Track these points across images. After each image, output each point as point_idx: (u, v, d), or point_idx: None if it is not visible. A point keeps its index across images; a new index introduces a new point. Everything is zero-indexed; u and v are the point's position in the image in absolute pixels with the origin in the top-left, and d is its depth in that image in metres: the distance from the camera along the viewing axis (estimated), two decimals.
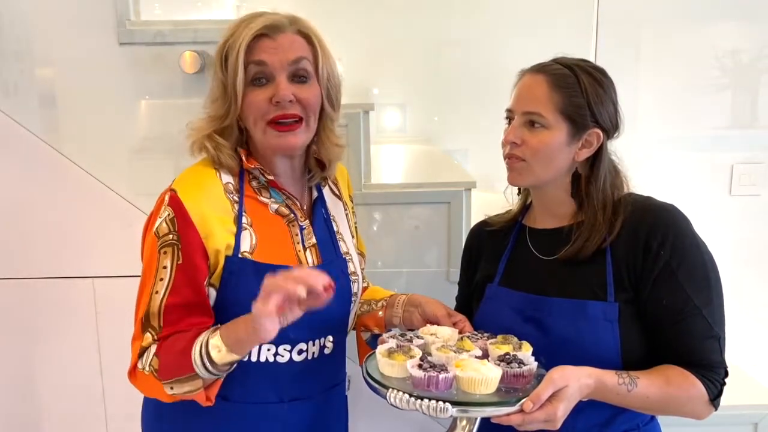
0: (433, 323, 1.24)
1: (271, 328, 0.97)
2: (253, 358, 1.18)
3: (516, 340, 1.14)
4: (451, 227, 1.81)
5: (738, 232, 2.47)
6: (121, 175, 1.81)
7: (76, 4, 1.75)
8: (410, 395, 1.00)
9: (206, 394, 1.10)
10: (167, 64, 1.75)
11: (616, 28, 2.43)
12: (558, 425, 1.02)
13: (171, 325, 1.11)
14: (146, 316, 1.12)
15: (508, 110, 1.23)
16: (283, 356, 1.19)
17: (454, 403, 0.99)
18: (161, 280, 1.12)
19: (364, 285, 1.42)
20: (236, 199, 1.18)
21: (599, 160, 1.20)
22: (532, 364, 1.07)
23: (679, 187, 2.34)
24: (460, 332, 1.20)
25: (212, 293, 1.16)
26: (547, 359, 1.10)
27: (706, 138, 2.48)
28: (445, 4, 2.53)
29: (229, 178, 1.19)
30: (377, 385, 1.05)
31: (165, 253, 1.12)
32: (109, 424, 1.93)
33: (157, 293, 1.12)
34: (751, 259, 2.48)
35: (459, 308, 1.38)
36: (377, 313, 1.34)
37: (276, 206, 1.22)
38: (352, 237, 1.36)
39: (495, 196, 1.50)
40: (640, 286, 1.14)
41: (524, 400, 1.00)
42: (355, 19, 2.53)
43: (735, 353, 1.45)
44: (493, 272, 1.29)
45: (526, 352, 1.10)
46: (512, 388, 1.04)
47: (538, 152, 1.17)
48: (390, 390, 1.02)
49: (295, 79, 1.15)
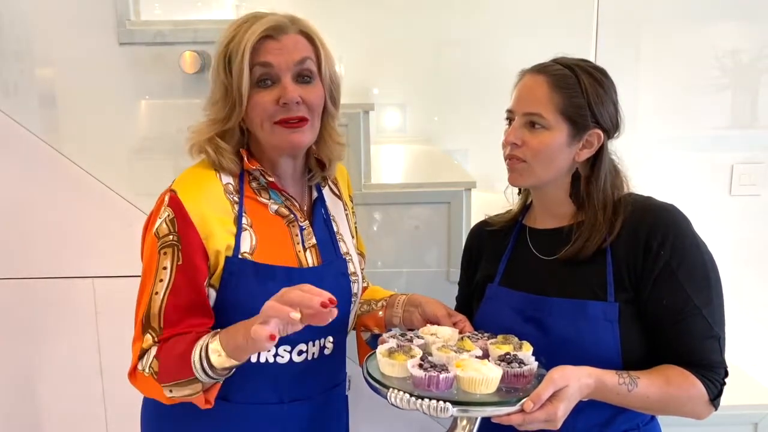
0: (433, 323, 1.24)
1: (268, 344, 0.96)
2: (253, 359, 1.18)
3: (516, 340, 1.14)
4: (451, 227, 1.81)
5: (738, 232, 2.47)
6: (121, 175, 1.81)
7: (76, 4, 1.75)
8: (411, 395, 1.00)
9: (205, 397, 1.09)
10: (167, 64, 1.75)
11: (616, 28, 2.43)
12: (558, 425, 1.02)
13: (171, 326, 1.11)
14: (146, 317, 1.12)
15: (508, 111, 1.23)
16: (283, 357, 1.19)
17: (455, 403, 0.99)
18: (161, 281, 1.12)
19: (364, 285, 1.42)
20: (236, 199, 1.18)
21: (600, 161, 1.20)
22: (533, 364, 1.07)
23: (679, 187, 2.34)
24: (460, 332, 1.20)
25: (212, 294, 1.16)
26: (548, 359, 1.10)
27: (706, 138, 2.48)
28: (445, 4, 2.53)
29: (229, 179, 1.19)
30: (378, 385, 1.05)
31: (165, 253, 1.12)
32: (109, 425, 1.92)
33: (157, 294, 1.12)
34: (751, 259, 2.48)
35: (459, 308, 1.38)
36: (377, 313, 1.34)
37: (276, 207, 1.22)
38: (352, 237, 1.36)
39: (495, 196, 1.50)
40: (641, 286, 1.14)
41: (525, 399, 1.00)
42: (355, 19, 2.52)
43: (735, 353, 1.45)
44: (494, 272, 1.29)
45: (527, 352, 1.10)
46: (513, 388, 1.04)
47: (539, 153, 1.17)
48: (391, 390, 1.02)
49: (300, 80, 1.15)
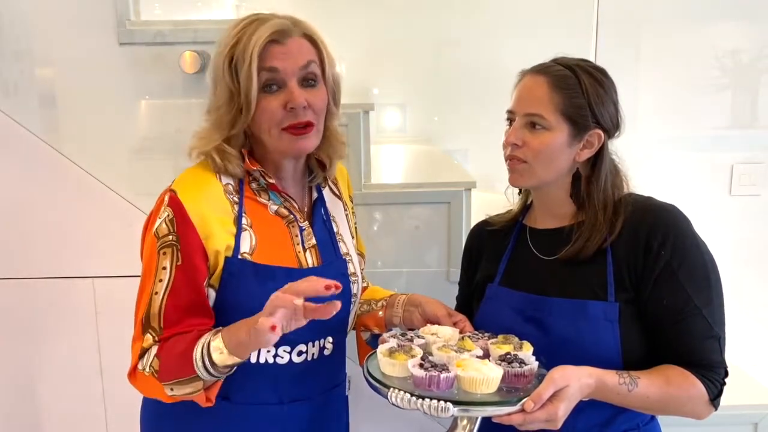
0: (433, 323, 1.24)
1: (274, 335, 0.97)
2: (253, 360, 1.18)
3: (517, 339, 1.14)
4: (451, 227, 1.81)
5: (738, 232, 2.47)
6: (121, 175, 1.81)
7: (76, 4, 1.75)
8: (411, 395, 1.00)
9: (206, 395, 1.09)
10: (167, 64, 1.75)
11: (616, 28, 2.43)
12: (559, 425, 1.02)
13: (171, 326, 1.11)
14: (146, 317, 1.12)
15: (508, 111, 1.22)
16: (282, 357, 1.19)
17: (456, 403, 0.99)
18: (161, 281, 1.12)
19: (364, 285, 1.42)
20: (236, 200, 1.18)
21: (600, 161, 1.20)
22: (533, 364, 1.07)
23: (679, 187, 2.33)
24: (460, 332, 1.20)
25: (211, 294, 1.16)
26: (548, 359, 1.10)
27: (706, 138, 2.48)
28: (445, 4, 2.53)
29: (228, 179, 1.19)
30: (378, 385, 1.05)
31: (164, 253, 1.12)
32: (109, 425, 1.92)
33: (156, 294, 1.12)
34: (751, 259, 2.48)
35: (459, 308, 1.38)
36: (377, 313, 1.34)
37: (275, 207, 1.21)
38: (352, 237, 1.36)
39: (495, 196, 1.50)
40: (641, 286, 1.14)
41: (525, 399, 1.00)
42: (355, 19, 2.52)
43: (735, 353, 1.45)
44: (494, 272, 1.29)
45: (527, 352, 1.10)
46: (513, 388, 1.04)
47: (540, 153, 1.17)
48: (391, 389, 1.02)
49: (305, 83, 1.15)
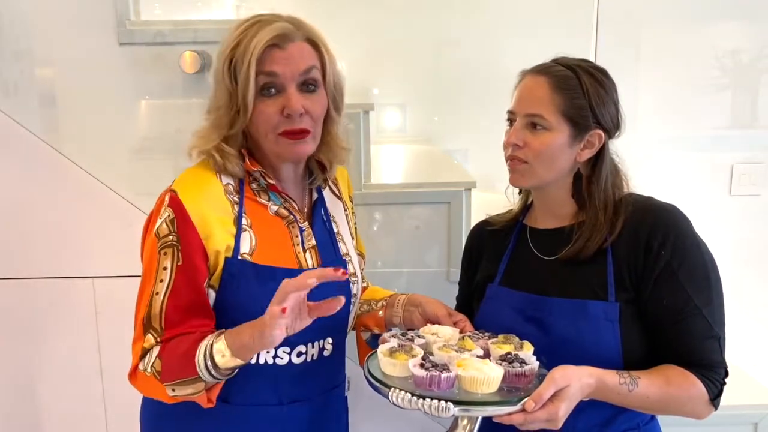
0: (433, 323, 1.24)
1: (278, 333, 0.97)
2: (252, 360, 1.17)
3: (517, 339, 1.14)
4: (451, 227, 1.81)
5: (738, 232, 2.46)
6: (121, 175, 1.81)
7: (76, 4, 1.75)
8: (412, 394, 1.00)
9: (207, 396, 1.09)
10: (167, 64, 1.75)
11: (616, 28, 2.43)
12: (559, 425, 1.02)
13: (172, 327, 1.11)
14: (147, 318, 1.12)
15: (509, 112, 1.22)
16: (282, 358, 1.19)
17: (456, 403, 0.99)
18: (161, 282, 1.11)
19: (363, 285, 1.42)
20: (236, 200, 1.18)
21: (601, 161, 1.20)
22: (534, 364, 1.07)
23: (679, 187, 2.33)
24: (461, 332, 1.20)
25: (211, 294, 1.16)
26: (548, 359, 1.10)
27: (706, 138, 2.48)
28: (445, 4, 2.53)
29: (229, 179, 1.19)
30: (379, 385, 1.05)
31: (165, 254, 1.12)
32: (109, 425, 1.92)
33: (157, 294, 1.11)
34: (751, 259, 2.48)
35: (459, 308, 1.38)
36: (377, 313, 1.33)
37: (275, 208, 1.21)
38: (352, 238, 1.36)
39: (495, 196, 1.50)
40: (641, 286, 1.14)
41: (526, 399, 1.00)
42: (355, 19, 2.52)
43: (735, 353, 1.45)
44: (494, 272, 1.29)
45: (528, 352, 1.10)
46: (514, 388, 1.04)
47: (541, 154, 1.17)
48: (392, 389, 1.02)
49: (304, 88, 1.15)
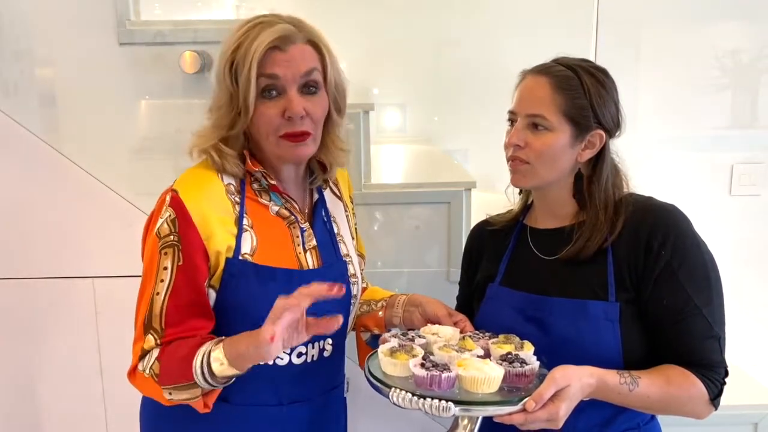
0: (433, 323, 1.24)
1: (274, 348, 0.96)
2: None
3: (518, 339, 1.14)
4: (451, 227, 1.81)
5: (738, 232, 2.46)
6: (121, 175, 1.81)
7: (76, 4, 1.75)
8: (413, 394, 1.00)
9: (204, 401, 1.09)
10: (167, 64, 1.75)
11: (616, 28, 2.43)
12: (560, 425, 1.02)
13: (173, 327, 1.11)
14: (147, 318, 1.12)
15: (510, 112, 1.22)
16: (282, 359, 1.19)
17: (457, 402, 0.99)
18: (162, 282, 1.11)
19: (363, 285, 1.42)
20: (237, 200, 1.17)
21: (602, 161, 1.20)
22: (534, 364, 1.07)
23: (679, 187, 2.33)
24: (461, 332, 1.20)
25: (212, 295, 1.16)
26: (549, 359, 1.10)
27: (706, 138, 2.48)
28: (445, 4, 2.53)
29: (230, 180, 1.18)
30: (380, 385, 1.05)
31: (166, 254, 1.11)
32: (109, 425, 1.92)
33: (158, 294, 1.11)
34: (751, 259, 2.48)
35: (460, 308, 1.38)
36: (377, 314, 1.34)
37: (276, 208, 1.21)
38: (352, 238, 1.36)
39: (495, 196, 1.50)
40: (641, 286, 1.14)
41: (526, 399, 1.00)
42: (355, 19, 2.52)
43: (735, 353, 1.45)
44: (494, 272, 1.29)
45: (528, 352, 1.10)
46: (514, 388, 1.04)
47: (542, 154, 1.17)
48: (393, 389, 1.02)
49: (305, 90, 1.14)
